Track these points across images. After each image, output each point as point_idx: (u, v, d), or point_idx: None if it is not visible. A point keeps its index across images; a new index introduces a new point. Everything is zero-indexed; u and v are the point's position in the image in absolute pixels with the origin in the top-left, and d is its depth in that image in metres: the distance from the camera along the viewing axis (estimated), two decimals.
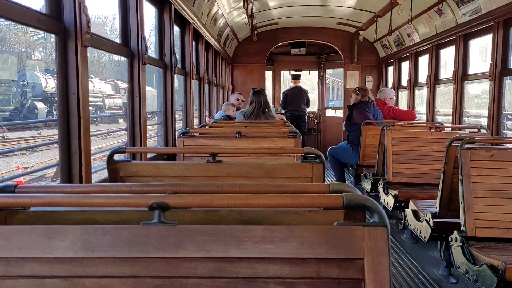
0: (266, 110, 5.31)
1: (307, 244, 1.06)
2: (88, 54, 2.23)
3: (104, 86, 26.26)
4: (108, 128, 17.65)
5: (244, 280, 1.05)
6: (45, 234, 1.06)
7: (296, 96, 9.76)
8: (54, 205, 1.13)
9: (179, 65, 4.67)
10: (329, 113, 11.82)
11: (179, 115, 6.05)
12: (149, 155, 3.54)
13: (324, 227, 1.08)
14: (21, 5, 1.81)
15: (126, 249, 1.05)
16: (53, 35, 2.08)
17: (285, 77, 12.57)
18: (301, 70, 11.22)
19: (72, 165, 2.16)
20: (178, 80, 4.99)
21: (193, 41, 5.48)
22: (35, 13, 1.93)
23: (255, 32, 9.09)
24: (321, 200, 1.12)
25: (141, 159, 3.23)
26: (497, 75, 4.74)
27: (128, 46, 3.12)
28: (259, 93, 5.31)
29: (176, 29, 4.76)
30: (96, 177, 3.08)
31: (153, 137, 5.11)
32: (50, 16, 2.05)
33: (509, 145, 3.65)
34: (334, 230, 1.07)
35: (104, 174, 3.11)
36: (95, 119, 21.16)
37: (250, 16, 7.41)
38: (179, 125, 5.27)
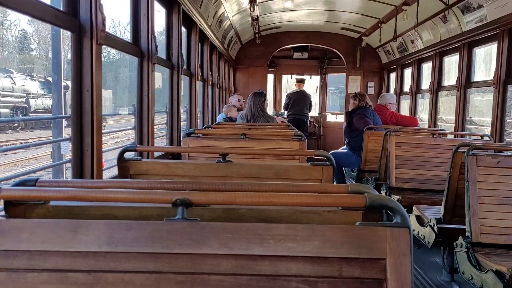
0: (262, 112, 5.29)
1: (329, 243, 1.07)
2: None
3: (30, 84, 21.38)
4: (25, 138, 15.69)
5: (266, 278, 1.06)
6: (69, 228, 1.06)
7: (300, 100, 9.79)
8: (78, 200, 1.13)
9: (185, 66, 4.68)
10: (330, 117, 11.84)
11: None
12: (156, 154, 3.55)
13: (347, 227, 1.09)
14: (40, 1, 1.82)
15: (150, 244, 1.06)
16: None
17: (287, 80, 12.59)
18: (303, 74, 11.25)
19: (84, 161, 2.16)
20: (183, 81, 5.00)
21: (199, 43, 5.49)
22: (52, 9, 1.93)
23: (259, 35, 9.12)
24: (344, 199, 1.13)
25: (148, 158, 3.23)
26: (501, 83, 4.76)
27: (139, 46, 3.12)
28: (256, 95, 5.32)
29: (183, 30, 4.77)
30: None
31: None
32: (67, 13, 2.06)
33: None
34: (356, 230, 1.08)
35: (111, 172, 3.10)
36: (15, 123, 17.76)
37: (255, 19, 7.44)
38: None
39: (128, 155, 2.39)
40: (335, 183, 6.61)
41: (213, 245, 1.07)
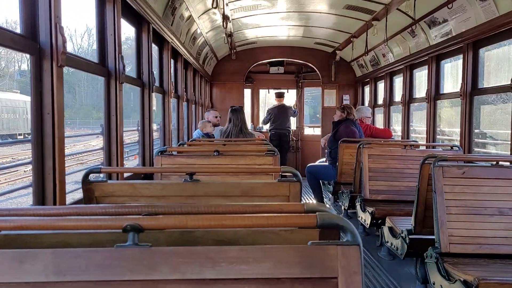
0: (244, 129, 5.34)
1: (282, 264, 1.07)
2: None
3: None
4: None
5: None
6: (15, 259, 1.04)
7: (281, 114, 9.85)
8: (26, 229, 1.11)
9: (157, 83, 4.67)
10: (307, 131, 11.94)
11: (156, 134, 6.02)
12: (126, 175, 3.51)
13: (299, 247, 1.09)
14: None
15: (99, 272, 1.04)
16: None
17: (265, 95, 12.66)
18: (279, 89, 11.34)
19: (46, 185, 2.12)
20: (156, 99, 4.98)
21: (172, 60, 5.50)
22: (9, 33, 1.91)
23: (234, 51, 9.18)
24: (296, 220, 1.13)
25: (117, 179, 3.19)
26: (467, 95, 4.89)
27: (105, 66, 3.11)
28: (237, 111, 5.35)
29: (154, 47, 4.77)
30: (70, 196, 3.03)
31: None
32: (25, 36, 2.04)
33: (480, 163, 3.75)
34: (308, 250, 1.09)
35: (79, 194, 3.05)
36: None
37: (229, 36, 7.50)
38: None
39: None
40: (312, 197, 6.62)
41: (165, 270, 1.06)
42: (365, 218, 4.70)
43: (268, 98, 12.91)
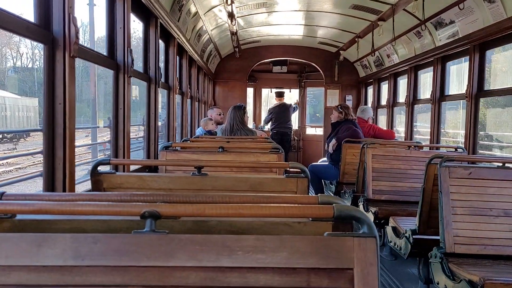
0: (242, 126, 5.32)
1: (298, 254, 1.07)
2: None
3: None
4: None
5: None
6: (34, 242, 1.04)
7: (282, 113, 9.86)
8: (44, 213, 1.11)
9: (162, 79, 4.68)
10: (309, 130, 11.94)
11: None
12: (132, 168, 3.51)
13: (315, 237, 1.10)
14: (11, 14, 1.80)
15: (117, 257, 1.05)
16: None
17: (266, 94, 12.67)
18: (282, 88, 11.35)
19: (56, 175, 2.13)
20: (161, 94, 4.99)
21: (177, 56, 5.50)
22: (24, 22, 1.92)
23: (238, 49, 9.19)
24: (312, 210, 1.14)
25: (123, 172, 3.20)
26: (473, 97, 4.89)
27: (114, 59, 3.11)
28: (235, 108, 5.35)
29: (161, 43, 4.78)
30: (78, 188, 3.02)
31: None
32: (39, 26, 2.04)
33: (486, 164, 3.75)
34: (324, 241, 1.09)
35: (85, 186, 3.06)
36: None
37: (234, 34, 7.50)
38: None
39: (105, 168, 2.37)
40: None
41: (182, 257, 1.06)
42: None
43: (270, 97, 12.93)
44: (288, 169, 2.53)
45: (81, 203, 1.11)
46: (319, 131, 11.38)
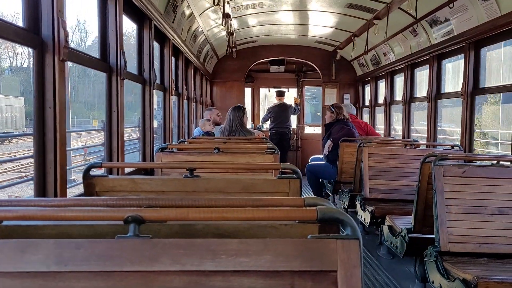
0: (240, 127, 5.32)
1: (282, 257, 1.08)
2: None
3: None
4: None
5: None
6: (17, 248, 1.05)
7: (282, 113, 9.85)
8: (28, 219, 1.12)
9: (158, 81, 4.67)
10: (308, 129, 11.94)
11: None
12: (126, 171, 3.51)
13: (299, 240, 1.10)
14: None
15: (101, 263, 1.05)
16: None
17: (265, 94, 12.67)
18: (280, 87, 11.34)
19: (47, 179, 2.13)
20: (157, 96, 4.99)
21: (173, 57, 5.50)
22: (12, 26, 1.92)
23: (235, 49, 9.18)
24: (296, 213, 1.14)
25: (118, 175, 3.20)
26: (468, 94, 4.89)
27: (107, 61, 3.11)
28: (235, 109, 5.35)
29: (156, 45, 4.77)
30: (71, 192, 3.03)
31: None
32: (28, 30, 2.04)
33: (481, 162, 3.75)
34: (308, 243, 1.09)
35: (79, 189, 3.05)
36: None
37: (230, 34, 7.50)
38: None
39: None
40: (311, 195, 6.67)
41: (166, 261, 1.06)
42: (365, 216, 4.70)
43: (268, 97, 12.92)
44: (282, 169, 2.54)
45: (64, 209, 1.12)
46: (318, 130, 11.38)
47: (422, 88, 6.85)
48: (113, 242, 1.06)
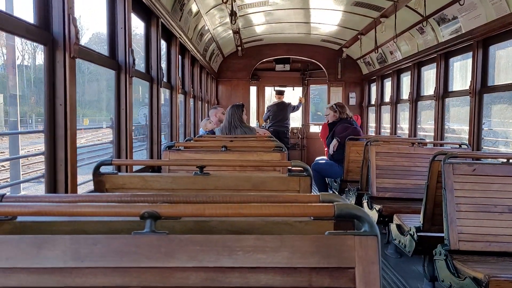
0: (240, 123, 5.28)
1: (299, 254, 1.07)
2: None
3: None
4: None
5: None
6: (34, 244, 1.04)
7: (280, 112, 9.85)
8: (44, 215, 1.11)
9: (165, 79, 4.67)
10: (313, 128, 11.92)
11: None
12: (134, 169, 3.51)
13: (316, 236, 1.09)
14: (10, 15, 1.80)
15: (117, 258, 1.04)
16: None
17: (270, 93, 12.65)
18: (285, 86, 11.33)
19: (58, 177, 2.13)
20: (163, 94, 4.99)
21: (179, 56, 5.50)
22: (23, 23, 1.92)
23: (240, 48, 9.18)
24: (313, 209, 1.13)
25: (126, 172, 3.20)
26: (477, 93, 4.86)
27: (116, 59, 3.11)
28: (233, 107, 5.33)
29: (163, 43, 4.77)
30: (80, 189, 3.03)
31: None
32: (39, 27, 2.04)
33: (490, 160, 3.73)
34: (325, 240, 1.08)
35: (88, 187, 3.06)
36: None
37: (236, 32, 7.50)
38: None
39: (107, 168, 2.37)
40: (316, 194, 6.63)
41: (182, 258, 1.05)
42: (372, 215, 4.68)
43: (273, 96, 12.90)
44: (291, 167, 2.53)
45: (80, 205, 1.11)
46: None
47: (428, 86, 6.82)
48: (130, 238, 1.06)
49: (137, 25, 4.08)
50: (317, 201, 1.28)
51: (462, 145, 4.84)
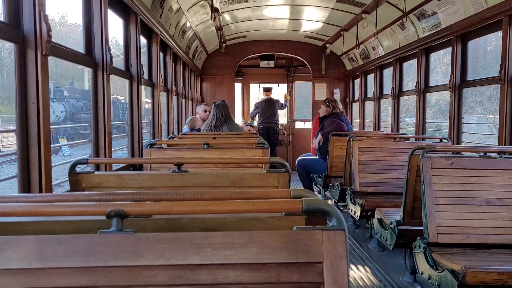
0: (228, 120, 5.27)
1: (267, 249, 1.07)
2: None
3: None
4: None
5: (204, 287, 1.05)
6: None
7: (268, 108, 9.88)
8: (7, 215, 1.09)
9: (146, 76, 4.63)
10: (298, 125, 11.95)
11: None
12: (114, 168, 3.48)
13: (284, 232, 1.09)
14: None
15: (83, 258, 1.03)
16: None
17: (257, 91, 12.63)
18: (270, 83, 11.33)
19: (32, 176, 2.10)
20: (145, 92, 4.95)
21: (161, 53, 5.45)
22: None
23: (224, 44, 9.14)
24: (281, 205, 1.13)
25: (105, 171, 3.17)
26: (456, 87, 4.92)
27: (92, 56, 3.07)
28: (219, 105, 5.31)
29: (143, 40, 4.73)
30: (58, 190, 2.99)
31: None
32: (8, 24, 2.00)
33: (468, 154, 3.78)
34: (294, 235, 1.08)
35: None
36: None
37: (219, 29, 7.46)
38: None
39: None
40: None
41: (149, 256, 1.05)
42: (355, 210, 4.72)
43: (259, 93, 12.89)
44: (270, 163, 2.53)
45: (45, 205, 1.09)
46: (308, 125, 11.39)
47: (410, 81, 6.88)
48: (96, 237, 1.05)
49: (116, 22, 4.02)
50: (288, 196, 1.28)
51: (442, 139, 4.90)
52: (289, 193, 1.29)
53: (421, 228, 3.09)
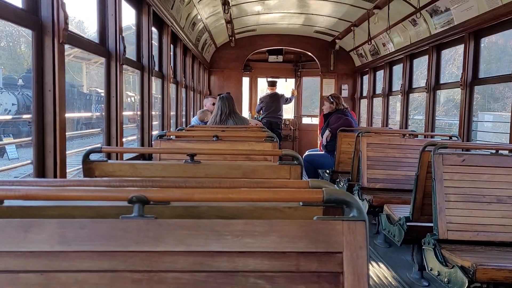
0: (233, 113, 5.25)
1: (287, 238, 1.07)
2: None
3: None
4: None
5: (224, 274, 1.05)
6: (20, 228, 1.03)
7: (273, 103, 9.85)
8: (31, 198, 1.10)
9: (156, 68, 4.64)
10: (305, 120, 11.93)
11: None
12: (125, 157, 3.50)
13: (304, 221, 1.09)
14: None
15: (104, 243, 1.04)
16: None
17: (264, 84, 12.63)
18: (278, 77, 11.31)
19: (47, 163, 2.11)
20: (155, 83, 4.96)
21: (171, 45, 5.45)
22: (11, 7, 1.89)
23: (233, 38, 9.12)
24: (302, 194, 1.13)
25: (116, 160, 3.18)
26: (467, 85, 4.89)
27: (106, 46, 3.08)
28: (224, 98, 5.30)
29: (154, 31, 4.73)
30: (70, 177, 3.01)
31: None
32: (27, 11, 2.01)
33: (479, 151, 3.76)
34: (314, 224, 1.09)
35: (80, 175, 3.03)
36: None
37: (229, 22, 7.45)
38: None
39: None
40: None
41: (170, 242, 1.05)
42: (362, 206, 4.71)
43: (267, 88, 12.87)
44: (281, 156, 2.53)
45: (67, 189, 1.10)
46: (315, 121, 11.37)
47: (419, 78, 6.84)
48: (117, 222, 1.05)
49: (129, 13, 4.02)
50: (306, 187, 1.29)
51: (452, 137, 4.87)
52: (307, 183, 1.30)
53: (430, 224, 3.08)
